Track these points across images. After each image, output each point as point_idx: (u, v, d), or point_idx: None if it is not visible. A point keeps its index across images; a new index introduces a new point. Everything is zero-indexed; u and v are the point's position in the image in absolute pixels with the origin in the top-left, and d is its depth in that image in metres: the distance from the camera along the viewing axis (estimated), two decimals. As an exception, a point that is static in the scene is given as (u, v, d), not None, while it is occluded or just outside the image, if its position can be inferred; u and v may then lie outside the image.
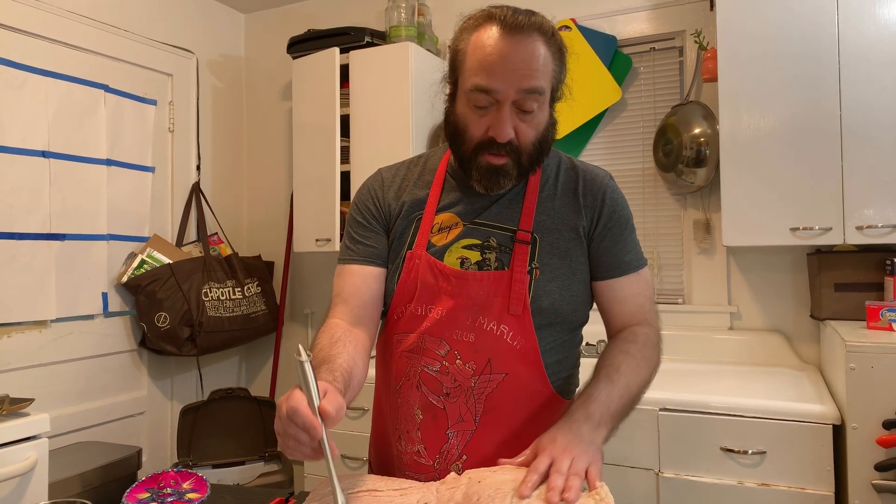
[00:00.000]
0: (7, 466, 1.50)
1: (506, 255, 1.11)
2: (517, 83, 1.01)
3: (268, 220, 3.25)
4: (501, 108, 1.03)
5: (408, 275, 1.14)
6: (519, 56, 1.01)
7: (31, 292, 2.27)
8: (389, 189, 1.21)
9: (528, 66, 1.01)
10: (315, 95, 2.71)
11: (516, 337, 1.09)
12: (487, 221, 1.14)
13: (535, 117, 1.06)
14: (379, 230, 1.19)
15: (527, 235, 1.12)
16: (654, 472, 1.82)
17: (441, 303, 1.11)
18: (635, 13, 2.52)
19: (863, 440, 1.60)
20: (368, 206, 1.21)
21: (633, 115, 2.57)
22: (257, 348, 3.20)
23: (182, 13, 2.95)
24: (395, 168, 1.25)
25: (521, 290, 1.09)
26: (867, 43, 1.92)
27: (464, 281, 1.10)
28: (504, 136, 1.04)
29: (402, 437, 1.16)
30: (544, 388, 1.12)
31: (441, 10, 2.85)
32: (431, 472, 1.12)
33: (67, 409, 2.39)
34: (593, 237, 1.15)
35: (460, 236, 1.13)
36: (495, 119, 1.04)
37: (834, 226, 1.95)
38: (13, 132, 2.23)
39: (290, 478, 2.43)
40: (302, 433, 0.82)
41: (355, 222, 1.21)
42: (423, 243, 1.14)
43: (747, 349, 2.30)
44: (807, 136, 1.98)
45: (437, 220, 1.16)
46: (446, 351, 1.10)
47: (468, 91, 1.05)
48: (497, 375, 1.10)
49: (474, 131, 1.07)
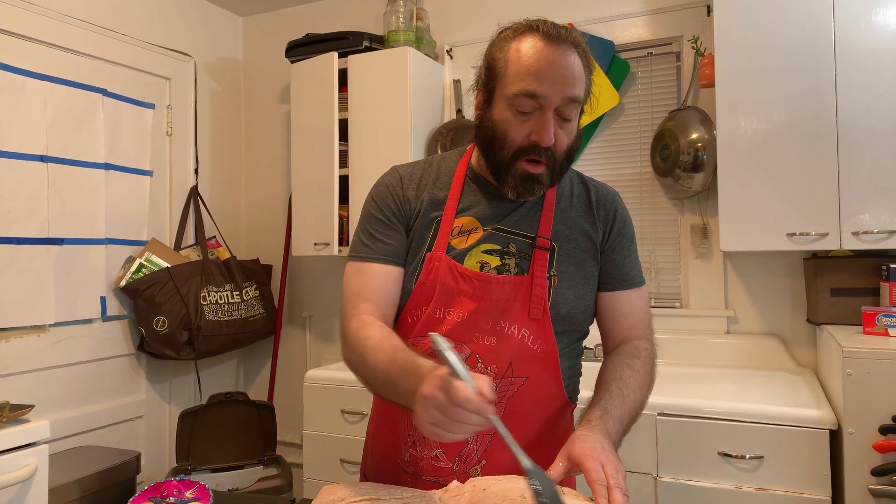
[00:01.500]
0: (7, 473, 1.50)
1: (525, 262, 1.13)
2: (563, 89, 1.04)
3: (266, 224, 3.25)
4: (545, 112, 1.05)
5: (426, 276, 1.13)
6: (565, 64, 1.05)
7: (30, 297, 2.27)
8: (409, 186, 1.20)
9: (572, 74, 1.05)
10: (313, 100, 2.71)
11: (537, 341, 1.11)
12: (507, 227, 1.16)
13: (571, 125, 1.09)
14: (399, 228, 1.18)
15: (546, 242, 1.14)
16: (652, 477, 1.83)
17: (460, 306, 1.12)
18: (633, 18, 2.53)
19: (859, 445, 1.61)
20: (388, 202, 1.19)
21: (631, 120, 2.58)
22: (255, 352, 3.20)
23: (180, 16, 2.95)
24: (412, 167, 1.25)
25: (541, 294, 1.11)
26: (864, 49, 1.93)
27: (486, 284, 1.12)
28: (548, 141, 1.06)
29: (417, 443, 1.16)
30: (559, 393, 1.15)
31: (439, 15, 2.86)
32: (451, 474, 1.13)
33: (66, 414, 2.38)
34: (604, 249, 1.19)
35: (481, 241, 1.14)
36: (539, 123, 1.06)
37: (830, 231, 1.96)
38: (12, 136, 2.23)
39: (290, 482, 2.43)
40: (473, 416, 0.83)
41: (374, 219, 1.19)
42: (442, 245, 1.14)
43: (744, 353, 2.31)
44: (804, 141, 1.99)
45: (458, 223, 1.16)
46: (467, 355, 1.11)
47: (512, 96, 1.06)
48: (518, 379, 1.11)
49: (515, 136, 1.08)
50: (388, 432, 1.23)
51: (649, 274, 2.52)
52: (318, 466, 2.32)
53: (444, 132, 2.68)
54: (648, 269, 2.52)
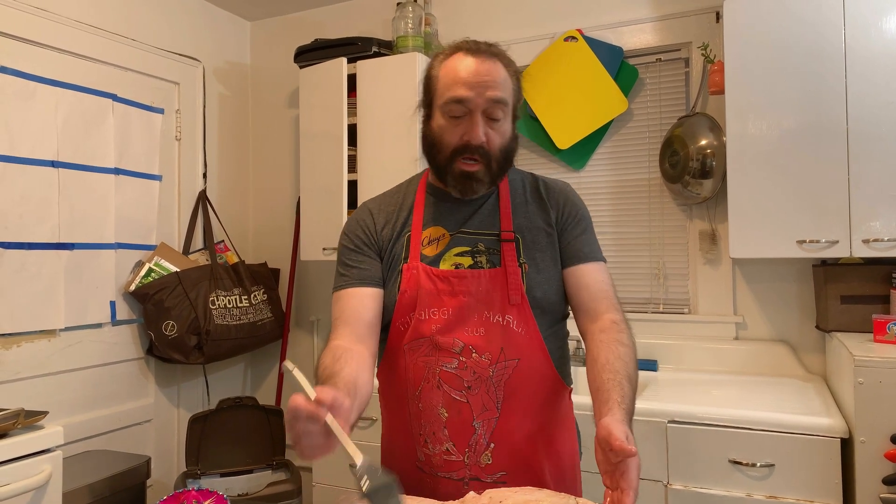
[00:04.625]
0: (22, 480, 1.51)
1: (495, 256, 1.23)
2: (484, 92, 1.17)
3: (273, 228, 3.26)
4: (473, 115, 1.18)
5: (407, 284, 1.22)
6: (484, 69, 1.18)
7: (40, 302, 2.28)
8: (378, 217, 1.31)
9: (493, 79, 1.18)
10: (322, 105, 2.72)
11: (520, 324, 1.20)
12: (471, 229, 1.26)
13: (501, 125, 1.21)
14: (371, 254, 1.28)
15: (510, 234, 1.24)
16: (662, 484, 1.83)
17: (445, 304, 1.20)
18: (641, 24, 2.53)
19: (871, 454, 1.62)
20: (358, 234, 1.30)
21: (640, 126, 2.58)
22: (263, 356, 3.21)
23: (188, 21, 2.96)
24: (380, 199, 1.36)
25: (516, 281, 1.20)
26: (874, 56, 1.93)
27: (463, 280, 1.20)
28: (477, 139, 1.18)
29: (428, 441, 1.21)
30: (550, 372, 1.23)
31: (448, 20, 2.86)
32: (462, 467, 1.19)
33: (76, 418, 2.39)
34: (559, 229, 1.28)
35: (450, 245, 1.25)
36: (468, 125, 1.19)
37: (840, 239, 1.96)
38: (23, 142, 2.24)
39: (299, 487, 2.44)
40: (310, 424, 0.86)
41: (346, 250, 1.30)
42: (416, 255, 1.24)
43: (753, 359, 2.31)
44: (813, 148, 1.99)
45: (426, 234, 1.27)
46: (461, 347, 1.19)
47: (443, 105, 1.20)
48: (511, 362, 1.19)
49: (450, 139, 1.21)
50: (402, 437, 1.28)
51: (657, 279, 2.52)
52: (327, 472, 2.32)
53: (452, 137, 2.68)
54: (657, 274, 2.52)
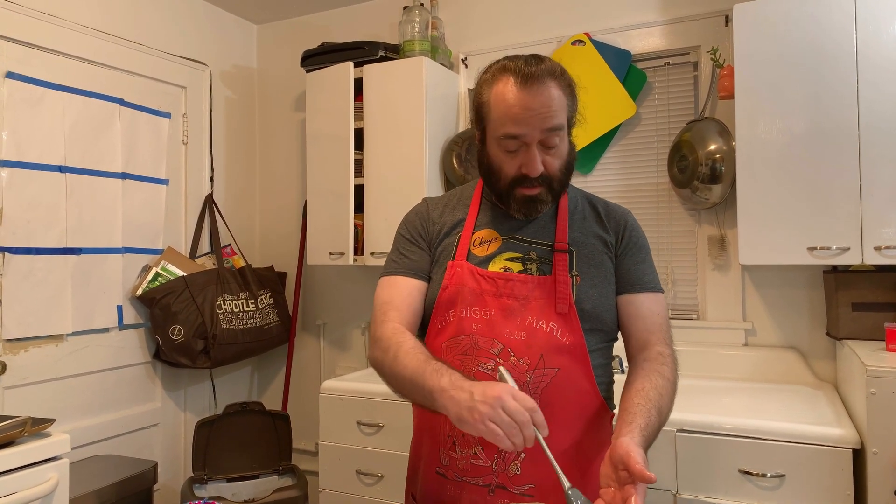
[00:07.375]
0: (30, 488, 1.51)
1: (546, 265, 1.22)
2: (540, 125, 1.14)
3: (280, 231, 3.25)
4: (529, 148, 1.17)
5: (450, 280, 1.23)
6: (539, 102, 1.13)
7: (48, 307, 2.28)
8: (434, 211, 1.34)
9: (548, 109, 1.14)
10: (329, 109, 2.71)
11: (565, 333, 1.18)
12: (525, 237, 1.26)
13: (558, 149, 1.19)
14: (424, 246, 1.30)
15: (564, 245, 1.23)
16: (671, 494, 1.82)
17: (488, 305, 1.19)
18: (650, 28, 2.51)
19: (883, 465, 1.60)
20: (416, 224, 1.33)
21: (648, 130, 2.56)
22: (269, 359, 3.21)
23: (195, 25, 2.96)
24: (440, 197, 1.39)
25: (565, 290, 1.19)
26: (886, 59, 1.91)
27: (509, 283, 1.20)
28: (535, 172, 1.17)
29: (456, 443, 1.20)
30: (591, 388, 1.20)
31: (454, 24, 2.85)
32: (489, 473, 1.17)
33: (83, 422, 2.40)
34: (618, 254, 1.26)
35: (501, 249, 1.24)
36: (525, 158, 1.17)
37: (852, 245, 1.94)
38: (31, 147, 2.25)
39: (305, 492, 2.43)
40: (530, 427, 0.94)
41: (402, 239, 1.33)
42: (463, 254, 1.25)
43: (762, 366, 2.29)
44: (824, 154, 1.97)
45: (477, 235, 1.27)
46: (500, 349, 1.17)
47: (498, 139, 1.18)
48: (550, 370, 1.17)
49: (508, 171, 1.20)
50: (430, 438, 1.26)
51: (666, 285, 2.50)
52: (335, 478, 2.32)
53: (458, 141, 2.67)
54: (665, 280, 2.50)
